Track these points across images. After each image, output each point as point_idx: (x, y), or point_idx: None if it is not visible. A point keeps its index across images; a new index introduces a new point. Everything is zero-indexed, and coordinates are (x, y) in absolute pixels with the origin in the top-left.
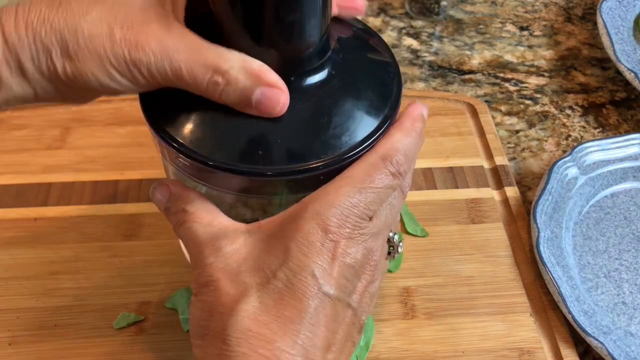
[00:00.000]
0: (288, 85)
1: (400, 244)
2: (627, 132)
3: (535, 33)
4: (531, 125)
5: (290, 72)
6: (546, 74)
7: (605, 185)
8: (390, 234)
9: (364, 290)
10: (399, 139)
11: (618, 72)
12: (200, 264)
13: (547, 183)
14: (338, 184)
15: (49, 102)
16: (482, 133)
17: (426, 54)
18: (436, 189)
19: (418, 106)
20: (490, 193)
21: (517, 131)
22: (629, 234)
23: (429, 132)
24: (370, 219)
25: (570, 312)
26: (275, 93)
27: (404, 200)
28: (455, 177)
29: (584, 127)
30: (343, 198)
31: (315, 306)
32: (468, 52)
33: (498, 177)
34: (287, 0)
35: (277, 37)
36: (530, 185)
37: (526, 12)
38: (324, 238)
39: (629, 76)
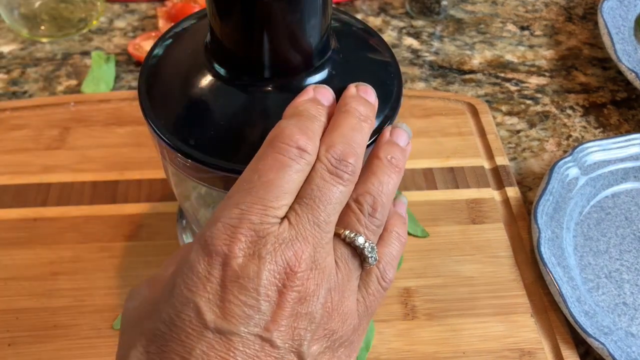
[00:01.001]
0: (288, 86)
1: (367, 245)
2: (628, 132)
3: (536, 33)
4: (532, 125)
5: (290, 72)
6: (547, 74)
7: (606, 186)
8: (348, 234)
9: (293, 312)
10: (280, 124)
11: (619, 72)
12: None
13: (547, 183)
14: (227, 194)
15: None
16: (482, 133)
17: (426, 54)
18: (436, 189)
19: (307, 91)
20: (490, 193)
21: (518, 131)
22: (630, 235)
23: (429, 132)
24: (283, 220)
25: (571, 313)
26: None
27: (340, 180)
28: (455, 177)
29: (584, 127)
30: (230, 207)
31: (203, 349)
32: (469, 52)
33: (499, 177)
34: (288, 0)
35: (277, 37)
36: (531, 185)
37: (527, 11)
38: (210, 263)
39: (630, 76)
